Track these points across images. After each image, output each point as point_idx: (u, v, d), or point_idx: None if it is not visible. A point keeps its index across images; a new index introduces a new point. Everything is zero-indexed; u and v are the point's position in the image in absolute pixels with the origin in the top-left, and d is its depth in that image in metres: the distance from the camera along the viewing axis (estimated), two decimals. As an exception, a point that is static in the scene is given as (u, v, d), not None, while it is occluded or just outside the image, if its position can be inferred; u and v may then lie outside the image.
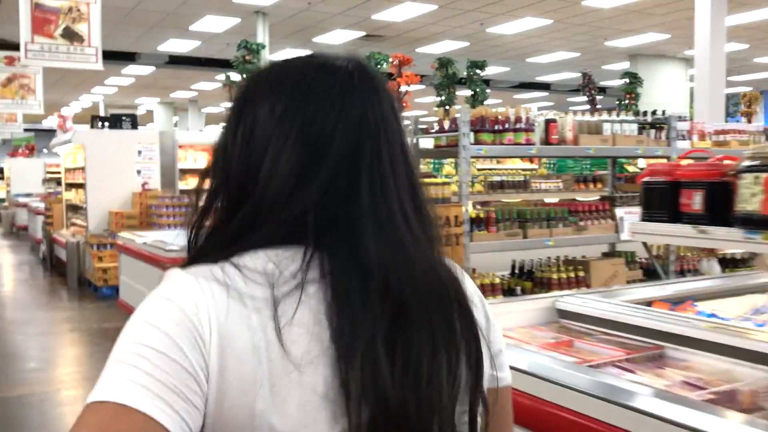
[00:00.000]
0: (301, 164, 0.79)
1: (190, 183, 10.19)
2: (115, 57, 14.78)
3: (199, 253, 0.81)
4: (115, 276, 8.74)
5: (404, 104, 13.60)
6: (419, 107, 22.19)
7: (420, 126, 5.22)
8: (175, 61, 17.56)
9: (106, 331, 7.01)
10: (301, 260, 0.76)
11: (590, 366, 2.25)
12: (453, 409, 0.77)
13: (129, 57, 16.82)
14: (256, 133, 0.82)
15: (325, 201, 0.79)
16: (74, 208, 11.31)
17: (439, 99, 13.97)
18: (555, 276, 5.10)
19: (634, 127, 5.42)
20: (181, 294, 0.73)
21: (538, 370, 1.96)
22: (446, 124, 4.94)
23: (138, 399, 0.68)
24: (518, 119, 4.91)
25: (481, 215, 4.84)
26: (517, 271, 5.33)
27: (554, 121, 5.05)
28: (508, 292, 5.01)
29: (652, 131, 5.52)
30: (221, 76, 18.64)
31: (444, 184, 4.53)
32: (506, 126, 4.88)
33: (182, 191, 9.79)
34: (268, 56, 13.06)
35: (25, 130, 22.71)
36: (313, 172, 0.79)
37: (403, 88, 13.78)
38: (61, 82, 20.62)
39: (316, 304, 0.75)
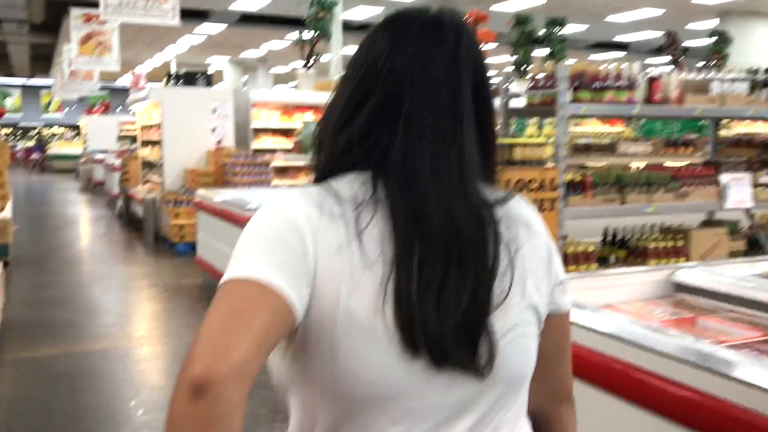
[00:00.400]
0: (353, 100, 0.95)
1: (264, 142, 10.14)
2: (187, 15, 14.76)
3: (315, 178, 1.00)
4: (190, 233, 8.79)
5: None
6: (496, 67, 21.58)
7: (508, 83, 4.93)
8: (246, 19, 17.50)
9: (184, 287, 7.05)
10: (371, 189, 0.92)
11: (728, 347, 2.01)
12: (487, 318, 0.90)
13: (201, 15, 16.83)
14: (344, 76, 0.99)
15: (361, 135, 0.94)
16: (149, 165, 11.43)
17: (513, 58, 13.50)
18: (652, 245, 4.79)
19: (744, 86, 5.00)
20: (285, 203, 0.91)
21: (687, 355, 1.72)
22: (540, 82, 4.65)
23: (267, 273, 0.83)
24: (619, 76, 4.58)
25: (577, 179, 4.55)
26: (609, 238, 5.05)
27: (658, 79, 4.69)
28: (601, 261, 4.74)
29: (765, 91, 5.08)
30: (292, 35, 18.53)
31: (539, 145, 4.25)
32: (607, 83, 4.55)
33: (255, 150, 9.75)
34: (341, 14, 12.80)
35: (100, 88, 23.21)
36: (361, 107, 0.95)
37: (478, 47, 13.38)
38: (134, 41, 20.87)
39: (383, 222, 0.90)
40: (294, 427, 0.95)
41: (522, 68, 13.35)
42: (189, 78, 10.24)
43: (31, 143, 33.04)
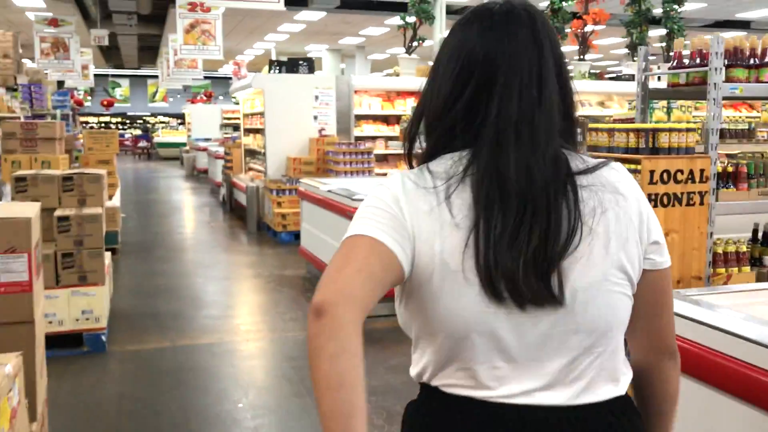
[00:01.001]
0: (456, 87, 1.12)
1: (365, 129, 9.89)
2: (288, 2, 14.73)
3: (415, 161, 1.18)
4: (293, 222, 8.66)
5: (590, 45, 12.47)
6: (601, 49, 20.59)
7: (647, 62, 4.41)
8: (346, 5, 17.33)
9: (287, 278, 6.88)
10: (464, 163, 1.10)
11: None
12: (559, 265, 1.05)
13: (301, 2, 16.78)
14: (438, 67, 1.16)
15: (463, 116, 1.11)
16: (252, 153, 11.42)
17: (627, 39, 12.69)
18: (815, 245, 4.19)
19: None
20: (389, 182, 1.12)
21: None
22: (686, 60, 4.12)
23: (376, 232, 1.04)
24: (781, 51, 4.00)
25: (729, 169, 4.01)
26: (760, 236, 4.47)
27: (825, 54, 4.07)
28: (753, 262, 4.18)
29: None
30: (392, 20, 18.23)
31: (688, 131, 3.74)
32: (765, 60, 3.98)
33: (357, 138, 9.52)
34: (445, -4, 12.37)
35: (203, 78, 23.72)
36: (462, 94, 1.11)
37: (589, 27, 12.61)
38: (236, 30, 21.14)
39: (469, 190, 1.07)
40: (414, 360, 1.16)
41: (636, 49, 12.54)
42: (291, 65, 10.11)
43: (138, 132, 34.30)
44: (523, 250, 1.03)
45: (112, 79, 37.45)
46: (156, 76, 31.65)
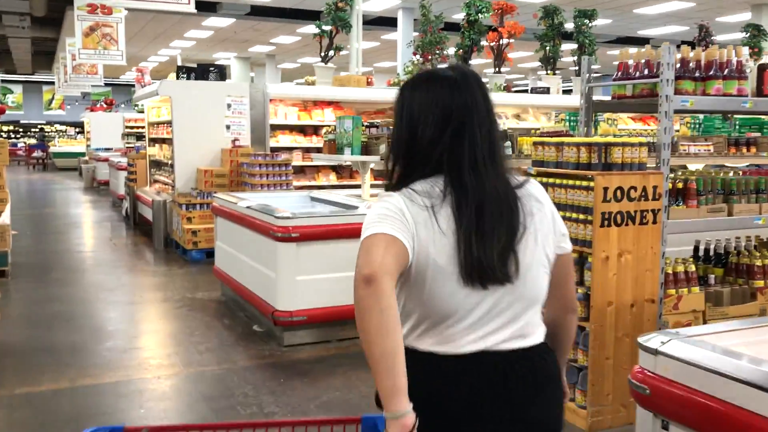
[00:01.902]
0: (436, 131, 1.55)
1: (281, 140, 9.43)
2: (196, 7, 14.04)
3: (394, 186, 1.59)
4: (205, 239, 8.10)
5: (505, 58, 12.44)
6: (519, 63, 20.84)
7: (594, 74, 4.22)
8: (257, 12, 16.77)
9: (202, 302, 6.33)
10: (443, 184, 1.54)
11: None
12: (515, 255, 1.54)
13: (210, 7, 16.11)
14: (413, 115, 1.58)
15: (447, 152, 1.54)
16: (158, 164, 10.73)
17: (540, 53, 12.77)
18: (759, 262, 4.09)
19: None
20: (391, 199, 1.52)
21: None
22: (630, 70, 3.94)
23: (392, 230, 1.45)
24: (725, 63, 3.87)
25: (679, 185, 3.85)
26: (701, 253, 4.35)
27: (769, 67, 3.98)
28: (701, 281, 4.03)
29: None
30: (304, 29, 17.79)
31: (640, 145, 3.53)
32: (711, 72, 3.84)
33: (273, 149, 9.05)
34: (361, 4, 12.09)
35: (104, 85, 22.50)
36: (442, 136, 1.55)
37: (504, 40, 12.58)
38: (140, 35, 20.18)
39: (448, 208, 1.51)
40: (404, 325, 1.57)
41: (549, 62, 12.66)
42: (201, 71, 9.52)
43: (32, 141, 32.31)
44: (495, 246, 1.50)
45: (3, 85, 35.21)
46: (52, 83, 29.87)
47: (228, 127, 9.06)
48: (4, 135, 33.99)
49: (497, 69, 12.02)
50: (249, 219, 5.31)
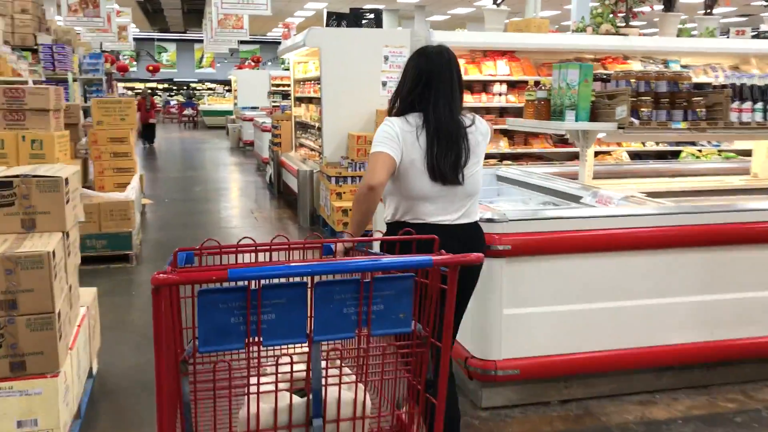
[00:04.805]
0: (412, 84, 2.53)
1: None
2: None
3: (394, 115, 2.56)
4: (357, 220, 6.75)
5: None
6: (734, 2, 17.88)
7: None
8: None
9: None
10: (422, 119, 2.50)
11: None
12: (461, 167, 2.50)
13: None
14: (405, 74, 2.58)
15: (422, 97, 2.51)
16: (304, 127, 9.53)
17: None
18: None
19: None
20: (391, 122, 2.49)
21: None
22: None
23: (389, 150, 2.43)
24: None
25: None
26: None
27: None
28: None
29: None
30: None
31: None
32: None
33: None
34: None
35: (250, 42, 21.85)
36: (416, 88, 2.52)
37: None
38: (286, -13, 19.15)
39: (423, 131, 2.47)
40: (387, 210, 2.57)
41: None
42: (354, 18, 8.13)
43: (183, 99, 32.77)
44: (448, 159, 2.45)
45: (158, 44, 35.93)
46: (203, 41, 29.92)
47: (384, 84, 7.62)
48: (159, 93, 34.77)
49: (708, 11, 9.77)
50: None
